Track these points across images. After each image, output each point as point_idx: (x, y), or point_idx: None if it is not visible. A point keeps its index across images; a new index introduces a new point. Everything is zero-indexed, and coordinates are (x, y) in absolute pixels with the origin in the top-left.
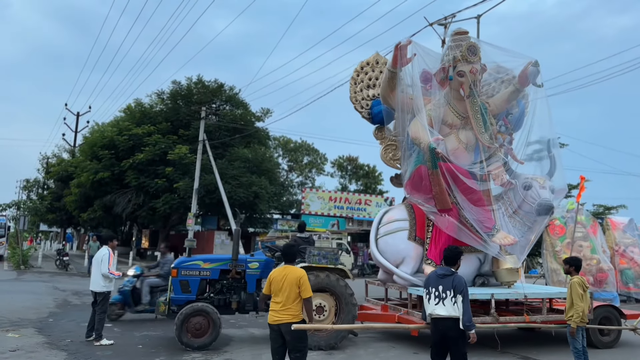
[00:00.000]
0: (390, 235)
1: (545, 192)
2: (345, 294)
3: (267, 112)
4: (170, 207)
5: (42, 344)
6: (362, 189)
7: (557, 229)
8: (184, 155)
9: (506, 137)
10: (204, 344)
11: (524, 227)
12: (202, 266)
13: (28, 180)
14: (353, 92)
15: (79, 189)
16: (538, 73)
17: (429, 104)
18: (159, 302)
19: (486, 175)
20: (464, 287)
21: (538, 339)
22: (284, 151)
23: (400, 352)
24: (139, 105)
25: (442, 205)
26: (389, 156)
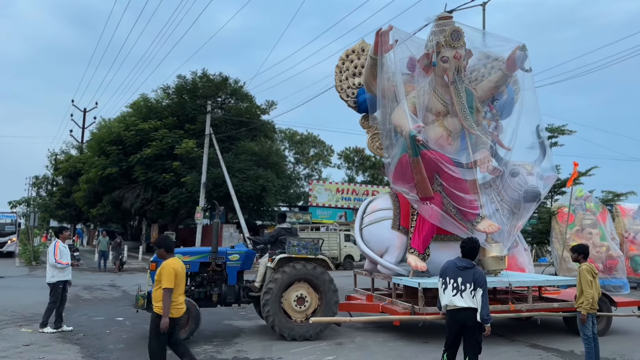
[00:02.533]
0: (374, 224)
1: (533, 179)
2: (325, 284)
3: (271, 104)
4: (178, 201)
5: (54, 339)
6: (369, 180)
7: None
8: (191, 149)
9: (492, 123)
10: (182, 337)
11: (511, 215)
12: (181, 259)
13: (37, 177)
14: (338, 81)
15: (88, 185)
16: (526, 57)
17: (413, 91)
18: (138, 296)
19: (472, 163)
20: (484, 281)
21: (546, 327)
22: (290, 143)
23: (409, 341)
24: (145, 100)
25: (423, 193)
26: (375, 145)
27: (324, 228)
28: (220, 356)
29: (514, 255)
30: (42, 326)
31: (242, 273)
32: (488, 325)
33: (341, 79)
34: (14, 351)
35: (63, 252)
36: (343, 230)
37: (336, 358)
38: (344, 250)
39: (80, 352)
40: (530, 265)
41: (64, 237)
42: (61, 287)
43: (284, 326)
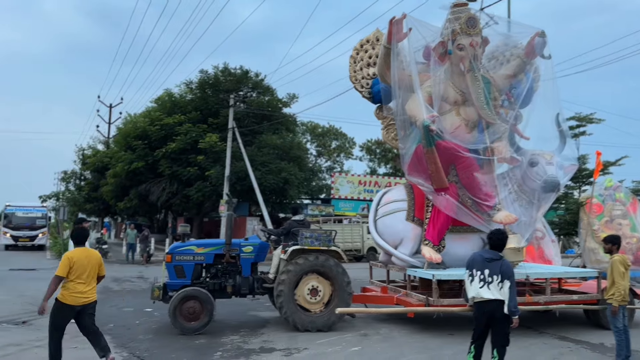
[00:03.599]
0: (389, 216)
1: (552, 169)
2: (338, 275)
3: (293, 97)
4: (203, 194)
5: None
6: (391, 172)
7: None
8: (214, 143)
9: (509, 112)
10: (197, 328)
11: (530, 205)
12: (195, 251)
13: (66, 171)
14: (353, 72)
15: (115, 179)
16: (545, 44)
17: (428, 81)
18: (154, 288)
19: (489, 152)
20: (512, 273)
21: (574, 319)
22: (312, 136)
23: (435, 333)
24: (169, 95)
25: (438, 184)
26: (391, 136)
27: (346, 220)
28: (247, 346)
29: (541, 247)
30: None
31: (256, 265)
32: (516, 317)
33: (355, 70)
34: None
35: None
36: (366, 222)
37: (362, 349)
38: (367, 242)
39: (112, 342)
40: (558, 257)
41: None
42: None
43: (297, 317)
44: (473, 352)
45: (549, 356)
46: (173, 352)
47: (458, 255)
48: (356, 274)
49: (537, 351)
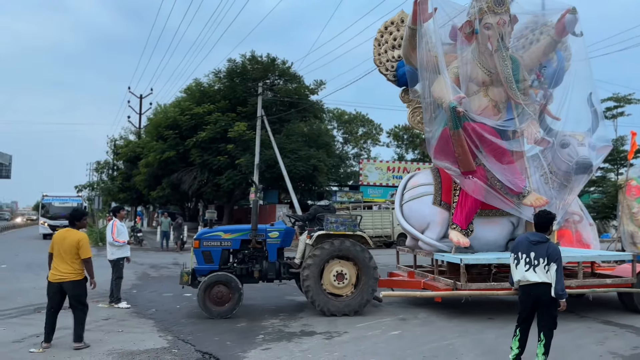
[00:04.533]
0: (415, 200)
1: (584, 150)
2: (367, 264)
3: (320, 84)
4: (233, 182)
5: (130, 313)
6: (419, 158)
7: (634, 189)
8: (243, 132)
9: (539, 92)
10: (225, 312)
11: (562, 187)
12: (222, 237)
13: (99, 162)
14: (377, 54)
15: (147, 169)
16: (576, 21)
17: (455, 61)
18: (182, 273)
19: (518, 134)
20: (559, 256)
21: (618, 303)
22: (339, 123)
23: (474, 317)
24: (198, 85)
25: (465, 167)
26: (416, 119)
27: (376, 207)
28: (288, 329)
29: (579, 231)
30: (117, 302)
31: (282, 250)
32: (563, 300)
33: (380, 52)
34: (94, 325)
35: (120, 231)
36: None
37: (401, 333)
38: (397, 228)
39: (155, 326)
40: (596, 240)
41: (121, 217)
42: (122, 263)
43: (323, 302)
44: (519, 335)
45: (593, 340)
46: (216, 335)
47: (487, 239)
48: (386, 260)
49: (581, 335)
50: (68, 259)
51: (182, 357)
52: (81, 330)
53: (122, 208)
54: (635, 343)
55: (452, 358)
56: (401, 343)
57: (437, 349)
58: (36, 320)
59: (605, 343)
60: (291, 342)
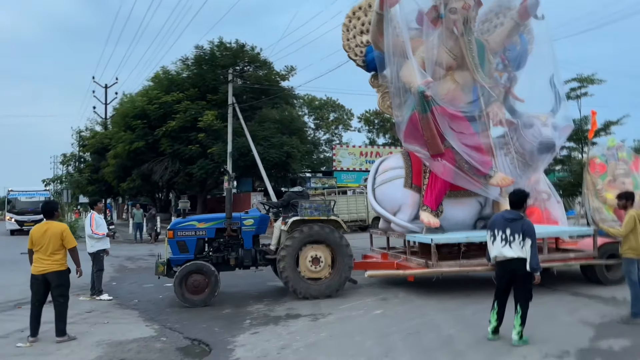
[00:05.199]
0: (387, 184)
1: (548, 130)
2: (339, 244)
3: (291, 70)
4: (205, 172)
5: (113, 305)
6: (390, 142)
7: (598, 167)
8: (212, 122)
9: (504, 74)
10: (202, 300)
11: (527, 167)
12: (197, 226)
13: (65, 154)
14: (346, 40)
15: (116, 160)
16: (538, 4)
17: (422, 46)
18: (157, 264)
19: (484, 116)
20: (533, 232)
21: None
22: (309, 109)
23: (452, 295)
24: (166, 73)
25: (434, 150)
26: (386, 104)
27: (350, 192)
28: (274, 314)
29: (547, 209)
30: (99, 294)
31: (257, 237)
32: (537, 274)
33: (348, 38)
34: (79, 317)
35: (99, 223)
36: None
37: (384, 312)
38: (372, 213)
39: (140, 316)
40: (564, 217)
41: (98, 209)
42: (102, 255)
43: (304, 288)
44: (496, 308)
45: (565, 310)
46: (203, 322)
47: (456, 219)
48: (361, 244)
49: (553, 307)
50: (51, 250)
51: (172, 345)
52: (63, 324)
53: (99, 200)
54: (604, 312)
55: (434, 333)
56: (385, 321)
57: (420, 325)
58: (18, 316)
59: (575, 313)
60: (278, 325)
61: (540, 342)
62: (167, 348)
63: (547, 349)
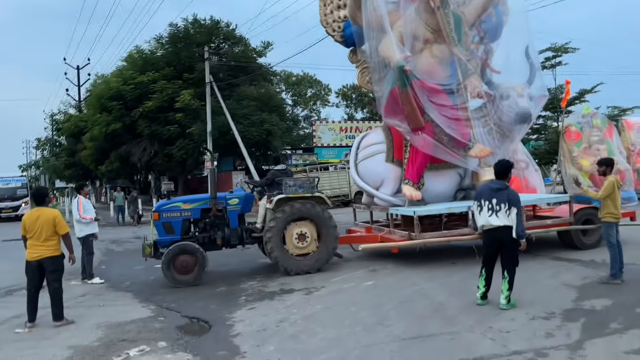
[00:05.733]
0: (369, 159)
1: (524, 101)
2: (324, 219)
3: (267, 45)
4: (185, 152)
5: (105, 288)
6: (368, 117)
7: (574, 134)
8: (189, 101)
9: (480, 47)
10: (192, 280)
11: (504, 138)
12: (182, 207)
13: (40, 139)
14: (323, 15)
15: (93, 143)
16: None
17: (400, 20)
18: (144, 245)
19: (462, 89)
20: (518, 200)
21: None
22: (287, 86)
23: (439, 264)
24: (140, 52)
25: (415, 124)
26: (366, 79)
27: (332, 167)
28: (268, 289)
29: (526, 177)
30: (90, 277)
31: (243, 216)
32: (523, 240)
33: (326, 13)
34: (73, 302)
35: (86, 208)
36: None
37: (375, 283)
38: (354, 187)
39: (135, 298)
40: (542, 185)
41: (85, 193)
42: (91, 239)
43: (287, 262)
44: (484, 274)
45: (548, 274)
46: (199, 301)
47: (437, 191)
48: (344, 218)
49: (536, 271)
50: (45, 236)
51: (171, 324)
52: (60, 308)
53: (85, 185)
54: (585, 274)
55: (425, 300)
56: (376, 292)
57: (411, 294)
58: (10, 303)
59: (558, 277)
60: (274, 300)
61: (526, 305)
62: (167, 327)
63: (534, 312)
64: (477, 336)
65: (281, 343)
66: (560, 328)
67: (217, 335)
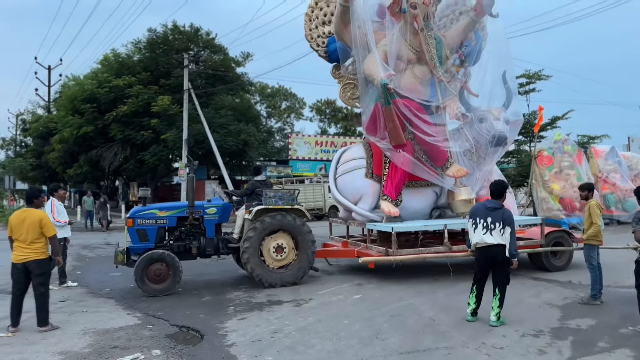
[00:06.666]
0: (348, 173)
1: (500, 124)
2: (302, 232)
3: (247, 56)
4: (158, 158)
5: (86, 294)
6: (341, 132)
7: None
8: (168, 106)
9: (460, 70)
10: (165, 289)
11: (479, 159)
12: (158, 214)
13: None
14: (308, 30)
15: (62, 145)
16: (493, 3)
17: (384, 39)
18: (117, 252)
19: (441, 109)
20: (512, 221)
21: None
22: (262, 97)
23: (421, 280)
24: (116, 56)
25: (396, 141)
26: (347, 95)
27: (307, 180)
28: (255, 300)
29: None
30: (63, 283)
31: (219, 226)
32: (515, 259)
33: (311, 28)
34: (53, 307)
35: (60, 210)
36: (327, 182)
37: (363, 297)
38: (329, 201)
39: (119, 305)
40: (514, 206)
41: (59, 196)
42: (62, 243)
43: (264, 274)
44: (475, 292)
45: (530, 294)
46: (186, 310)
47: (414, 208)
48: (319, 232)
49: (518, 290)
50: (31, 239)
51: (160, 332)
52: (45, 313)
53: (60, 187)
54: (564, 294)
55: (415, 315)
56: (365, 305)
57: (400, 309)
58: None
59: (540, 296)
60: (263, 311)
61: (515, 322)
62: (157, 335)
63: (523, 329)
64: (473, 352)
65: (279, 354)
66: (551, 345)
67: (211, 345)
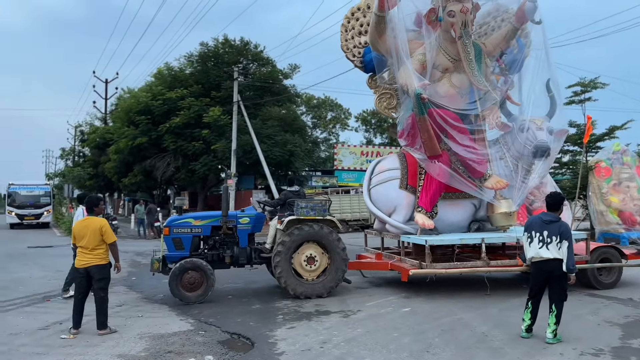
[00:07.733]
0: (382, 184)
1: (542, 134)
2: (334, 243)
3: (294, 68)
4: (208, 168)
5: (141, 299)
6: (387, 142)
7: (603, 170)
8: (218, 117)
9: (500, 78)
10: (198, 297)
11: (522, 171)
12: (193, 223)
13: (64, 149)
14: (344, 40)
15: (118, 155)
16: (535, 9)
17: (420, 48)
18: (153, 260)
19: (480, 119)
20: (570, 234)
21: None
22: (307, 108)
23: (471, 295)
24: (169, 69)
25: (431, 152)
26: (383, 105)
27: (353, 191)
28: (303, 310)
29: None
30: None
31: (252, 235)
32: (573, 275)
33: (347, 39)
34: (111, 311)
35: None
36: None
37: (412, 309)
38: None
39: (172, 310)
40: (569, 219)
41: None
42: None
43: (295, 285)
44: (530, 307)
45: (588, 311)
46: (238, 317)
47: (450, 221)
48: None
49: (576, 307)
50: (92, 245)
51: (212, 338)
52: (104, 317)
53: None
54: (625, 312)
55: (467, 330)
56: (415, 318)
57: (451, 323)
58: (51, 309)
59: (598, 313)
60: (312, 321)
61: (572, 340)
62: (209, 342)
63: (581, 347)
64: None
65: None
66: None
67: (262, 353)
